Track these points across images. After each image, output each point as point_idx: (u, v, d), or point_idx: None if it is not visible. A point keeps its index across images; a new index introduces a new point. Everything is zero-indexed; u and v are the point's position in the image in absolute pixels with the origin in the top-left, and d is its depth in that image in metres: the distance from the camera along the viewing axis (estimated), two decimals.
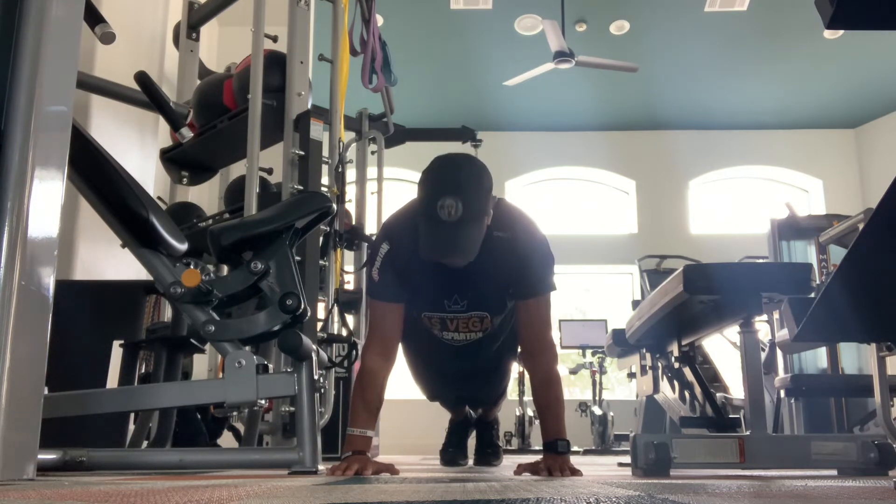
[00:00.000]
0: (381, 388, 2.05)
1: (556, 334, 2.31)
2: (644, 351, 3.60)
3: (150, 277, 1.79)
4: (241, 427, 3.02)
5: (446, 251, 1.90)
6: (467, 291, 2.11)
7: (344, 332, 3.69)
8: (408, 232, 2.00)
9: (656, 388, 3.65)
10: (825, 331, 1.51)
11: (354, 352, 3.23)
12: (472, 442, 2.92)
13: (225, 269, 2.98)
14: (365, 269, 2.18)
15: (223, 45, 5.82)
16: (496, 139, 8.15)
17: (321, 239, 3.22)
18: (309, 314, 1.89)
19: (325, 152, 3.29)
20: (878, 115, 8.99)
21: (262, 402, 1.76)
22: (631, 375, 4.18)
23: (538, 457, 2.00)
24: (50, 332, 1.26)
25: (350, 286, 4.25)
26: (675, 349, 2.93)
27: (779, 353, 4.49)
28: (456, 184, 1.86)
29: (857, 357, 4.73)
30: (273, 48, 3.27)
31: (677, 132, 9.25)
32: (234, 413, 2.76)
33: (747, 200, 9.43)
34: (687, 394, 3.69)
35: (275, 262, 1.75)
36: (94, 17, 1.92)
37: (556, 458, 1.96)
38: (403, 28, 7.02)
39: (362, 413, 1.98)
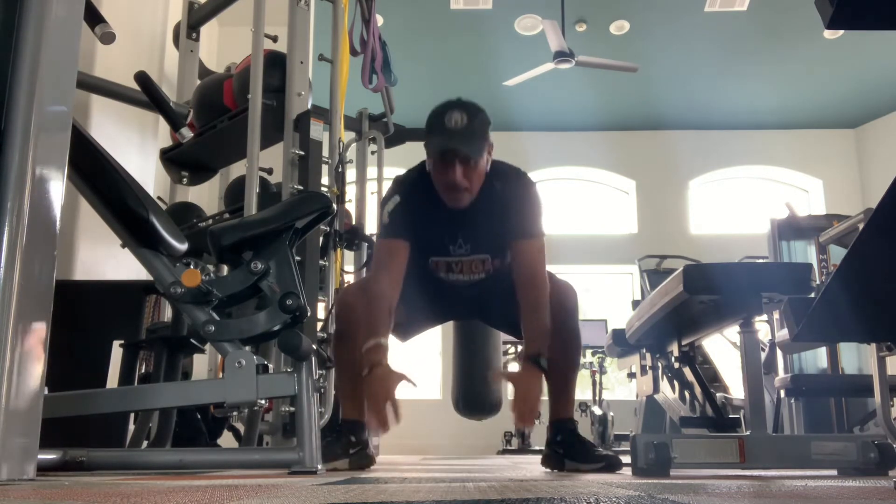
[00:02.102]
0: (390, 311, 2.15)
1: None
2: (644, 351, 3.60)
3: (150, 277, 1.79)
4: (241, 427, 3.02)
5: (454, 146, 2.12)
6: (469, 236, 2.28)
7: None
8: (418, 185, 2.25)
9: (656, 388, 3.65)
10: (825, 331, 1.50)
11: None
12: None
13: (225, 269, 2.98)
14: (376, 216, 2.37)
15: (223, 45, 5.82)
16: (496, 139, 8.13)
17: (321, 239, 3.22)
18: (309, 314, 1.89)
19: (325, 152, 3.29)
20: (878, 115, 8.98)
21: (262, 402, 1.76)
22: (631, 375, 4.18)
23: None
24: (50, 332, 1.26)
25: None
26: (675, 349, 2.93)
27: (779, 353, 4.49)
28: (461, 104, 2.18)
29: (857, 357, 4.73)
30: (273, 48, 3.27)
31: (677, 132, 9.25)
32: (234, 413, 2.76)
33: (747, 200, 9.43)
34: (687, 394, 3.69)
35: (275, 262, 1.75)
36: (94, 17, 1.92)
37: (529, 380, 2.02)
38: (403, 28, 7.02)
39: (376, 324, 2.07)
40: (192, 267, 1.75)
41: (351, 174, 4.07)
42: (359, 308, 2.25)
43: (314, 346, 1.83)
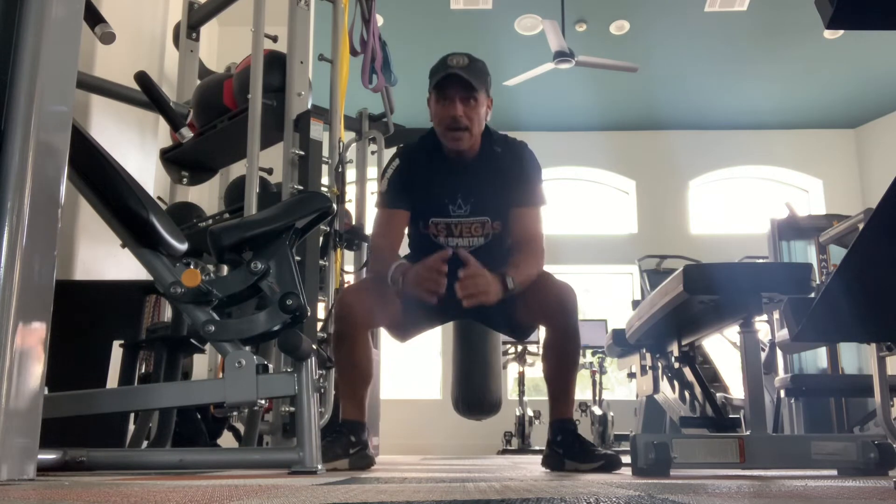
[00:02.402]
0: (396, 255, 2.31)
1: None
2: (644, 351, 3.60)
3: (150, 277, 1.79)
4: (241, 427, 3.02)
5: (455, 73, 2.22)
6: (469, 196, 2.35)
7: None
8: (420, 147, 2.38)
9: (656, 388, 3.64)
10: (825, 331, 1.51)
11: None
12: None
13: (225, 269, 2.98)
14: (376, 186, 2.47)
15: (223, 45, 5.82)
16: None
17: (321, 239, 3.22)
18: (309, 314, 1.89)
19: (325, 152, 3.29)
20: (878, 115, 8.98)
21: (262, 402, 1.76)
22: (631, 375, 4.18)
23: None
24: (50, 332, 1.26)
25: None
26: (675, 349, 2.93)
27: (779, 353, 4.49)
28: (462, 52, 2.32)
29: (857, 357, 4.73)
30: (273, 48, 3.27)
31: (677, 132, 9.25)
32: (234, 413, 2.76)
33: (747, 200, 9.43)
34: (687, 394, 3.69)
35: (275, 262, 1.75)
36: (94, 17, 1.92)
37: (488, 275, 2.10)
38: (403, 28, 7.02)
39: (393, 257, 2.27)
40: (192, 267, 1.75)
41: (351, 174, 4.07)
42: (358, 308, 2.26)
43: (314, 346, 1.83)
